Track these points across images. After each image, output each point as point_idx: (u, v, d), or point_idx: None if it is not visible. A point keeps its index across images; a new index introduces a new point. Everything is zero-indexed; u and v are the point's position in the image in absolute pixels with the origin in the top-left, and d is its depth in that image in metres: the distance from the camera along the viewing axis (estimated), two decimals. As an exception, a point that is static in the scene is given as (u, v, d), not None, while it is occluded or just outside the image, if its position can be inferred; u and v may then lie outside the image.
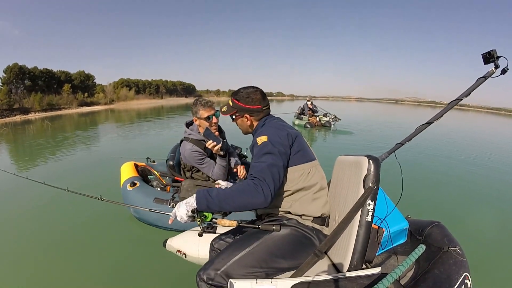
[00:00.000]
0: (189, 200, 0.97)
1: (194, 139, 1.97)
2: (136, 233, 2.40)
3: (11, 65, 29.28)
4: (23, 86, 29.67)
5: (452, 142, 9.55)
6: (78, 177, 4.23)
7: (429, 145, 8.22)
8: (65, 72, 36.47)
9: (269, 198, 0.92)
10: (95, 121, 15.39)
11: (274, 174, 0.96)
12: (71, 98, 32.23)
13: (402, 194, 1.21)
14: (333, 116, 9.46)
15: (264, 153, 1.01)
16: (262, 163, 0.98)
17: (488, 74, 1.01)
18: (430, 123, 1.17)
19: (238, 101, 1.20)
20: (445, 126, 12.78)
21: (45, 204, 3.14)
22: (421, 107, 60.24)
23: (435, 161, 6.28)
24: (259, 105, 1.20)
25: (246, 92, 1.20)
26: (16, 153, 7.30)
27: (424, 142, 7.90)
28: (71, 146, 7.41)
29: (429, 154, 7.08)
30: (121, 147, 6.95)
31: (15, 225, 2.67)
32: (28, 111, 25.70)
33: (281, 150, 1.02)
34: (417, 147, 7.14)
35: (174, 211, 0.99)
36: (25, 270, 1.93)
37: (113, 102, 38.07)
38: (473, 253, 1.46)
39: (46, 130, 11.79)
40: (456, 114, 29.96)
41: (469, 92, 1.05)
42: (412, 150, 6.73)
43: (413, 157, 6.33)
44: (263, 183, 0.93)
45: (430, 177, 4.75)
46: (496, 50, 0.94)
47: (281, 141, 1.04)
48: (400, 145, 1.31)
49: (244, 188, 0.94)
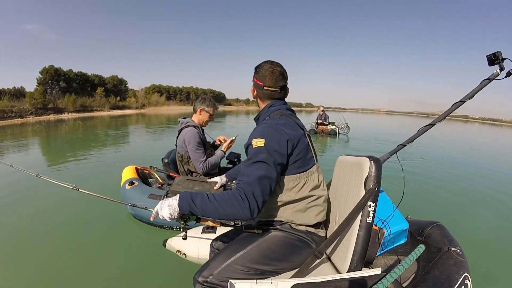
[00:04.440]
0: (172, 202, 0.91)
1: (195, 126, 2.21)
2: (136, 233, 2.42)
3: (47, 66, 30.65)
4: (58, 87, 31.29)
5: (453, 146, 9.60)
6: (86, 176, 4.32)
7: (429, 146, 8.24)
8: (98, 76, 37.84)
9: (255, 213, 0.89)
10: (125, 124, 16.02)
11: (264, 187, 0.91)
12: (103, 101, 33.49)
13: (402, 194, 1.22)
14: (345, 125, 10.68)
15: (258, 161, 0.93)
16: (253, 173, 0.92)
17: (493, 76, 1.00)
18: (432, 124, 1.16)
19: (255, 70, 1.13)
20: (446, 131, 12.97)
21: (41, 199, 3.19)
22: (452, 121, 59.96)
23: (435, 162, 6.29)
24: (261, 82, 1.09)
25: (260, 64, 1.12)
26: (32, 147, 7.50)
27: (424, 142, 7.93)
28: (92, 145, 7.60)
29: (429, 154, 7.08)
30: (137, 151, 7.05)
31: (8, 220, 2.70)
32: (61, 111, 27.02)
33: (276, 160, 0.95)
34: (417, 147, 7.14)
35: (156, 209, 0.93)
36: (21, 268, 1.90)
37: (144, 106, 39.19)
38: (473, 253, 1.46)
39: (78, 129, 12.39)
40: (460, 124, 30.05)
41: (473, 94, 1.04)
42: (412, 150, 6.74)
43: (413, 157, 6.35)
44: (251, 197, 0.88)
45: (430, 177, 4.76)
46: (502, 52, 0.93)
47: (279, 149, 0.95)
48: (402, 146, 1.30)
49: (230, 200, 0.89)
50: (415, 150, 7.21)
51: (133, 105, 37.33)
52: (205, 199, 0.90)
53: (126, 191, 2.43)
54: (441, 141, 10.45)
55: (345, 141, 9.45)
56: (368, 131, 14.72)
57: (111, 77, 39.73)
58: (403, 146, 1.29)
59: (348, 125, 10.74)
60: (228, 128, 13.50)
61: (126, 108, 35.70)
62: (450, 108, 1.11)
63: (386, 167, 1.14)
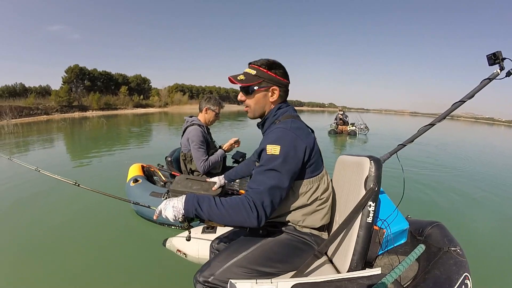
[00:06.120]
0: (177, 204, 0.89)
1: (200, 124, 2.24)
2: (137, 230, 2.43)
3: (72, 66, 31.57)
4: (82, 86, 32.38)
5: (453, 146, 9.63)
6: (97, 172, 4.43)
7: (430, 147, 8.26)
8: (122, 75, 38.64)
9: (262, 222, 0.88)
10: (148, 121, 16.56)
11: (274, 197, 0.88)
12: (127, 99, 34.43)
13: (402, 194, 1.21)
14: (364, 125, 10.94)
15: (271, 169, 0.89)
16: (264, 181, 0.88)
17: (493, 76, 1.00)
18: (432, 124, 1.17)
19: (264, 68, 1.00)
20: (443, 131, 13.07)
21: (43, 193, 3.22)
22: (477, 123, 60.23)
23: (435, 162, 6.29)
24: (287, 79, 1.04)
25: (273, 61, 1.02)
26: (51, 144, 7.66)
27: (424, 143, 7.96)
28: (112, 142, 7.81)
29: (429, 155, 7.09)
30: (153, 148, 7.13)
31: (7, 214, 2.73)
32: (86, 109, 27.96)
33: (290, 168, 0.91)
34: (418, 147, 7.15)
35: (160, 208, 0.92)
36: (16, 267, 1.89)
37: (167, 105, 39.67)
38: (473, 253, 1.46)
39: (101, 126, 12.74)
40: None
41: (473, 94, 1.04)
42: (412, 151, 6.76)
43: (413, 157, 6.35)
44: (259, 207, 0.86)
45: (430, 177, 4.76)
46: (502, 52, 0.93)
47: (295, 157, 0.91)
48: (402, 146, 1.30)
49: (238, 208, 0.86)
50: (417, 151, 7.24)
51: (156, 104, 37.89)
52: (212, 205, 0.88)
53: (130, 188, 2.49)
54: (438, 141, 10.45)
55: (364, 141, 9.58)
56: (388, 132, 14.56)
57: (135, 76, 40.41)
58: (403, 146, 1.29)
59: (366, 125, 10.99)
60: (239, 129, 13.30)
61: (149, 107, 36.21)
62: (450, 108, 1.11)
63: (385, 167, 1.14)
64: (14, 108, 19.59)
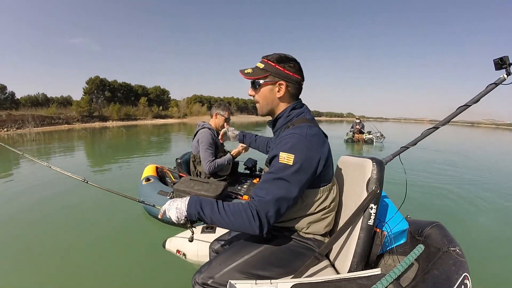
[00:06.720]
0: (180, 206, 0.89)
1: (210, 128, 2.36)
2: (144, 230, 2.52)
3: (93, 77, 32.34)
4: (103, 97, 33.19)
5: (453, 148, 9.61)
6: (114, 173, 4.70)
7: (429, 147, 8.23)
8: (142, 86, 39.41)
9: (264, 231, 0.87)
10: (167, 131, 16.97)
11: (281, 208, 0.87)
12: (146, 110, 35.25)
13: (405, 196, 1.22)
14: (379, 133, 11.52)
15: (281, 178, 0.86)
16: (272, 190, 0.86)
17: (499, 80, 0.98)
18: (436, 128, 1.16)
19: (273, 62, 0.97)
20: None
21: (53, 188, 3.35)
22: (498, 130, 60.10)
23: (435, 162, 6.26)
24: (299, 75, 0.99)
25: (285, 55, 0.99)
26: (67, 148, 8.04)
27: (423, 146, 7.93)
28: (131, 150, 8.14)
29: (429, 155, 7.06)
30: (168, 153, 7.45)
31: (18, 212, 2.82)
32: (106, 119, 28.74)
33: (301, 179, 0.88)
34: (419, 147, 7.11)
35: (164, 208, 0.93)
36: (18, 267, 1.92)
37: (186, 116, 40.23)
38: (473, 253, 1.47)
39: (121, 136, 13.11)
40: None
41: (478, 98, 1.03)
42: (413, 151, 6.74)
43: (413, 157, 6.33)
44: (263, 217, 0.85)
45: (430, 177, 4.74)
46: (509, 57, 0.92)
47: (308, 168, 0.88)
48: (405, 149, 1.30)
49: (241, 215, 0.85)
50: (419, 151, 7.20)
51: (175, 115, 38.62)
52: (215, 210, 0.88)
53: (142, 186, 2.63)
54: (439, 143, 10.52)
55: (380, 149, 9.81)
56: (405, 139, 14.39)
57: (154, 87, 41.09)
58: (406, 148, 1.29)
59: (382, 133, 11.57)
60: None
61: (168, 117, 37.02)
62: (455, 112, 1.10)
63: (386, 167, 1.15)
64: (36, 117, 20.15)
